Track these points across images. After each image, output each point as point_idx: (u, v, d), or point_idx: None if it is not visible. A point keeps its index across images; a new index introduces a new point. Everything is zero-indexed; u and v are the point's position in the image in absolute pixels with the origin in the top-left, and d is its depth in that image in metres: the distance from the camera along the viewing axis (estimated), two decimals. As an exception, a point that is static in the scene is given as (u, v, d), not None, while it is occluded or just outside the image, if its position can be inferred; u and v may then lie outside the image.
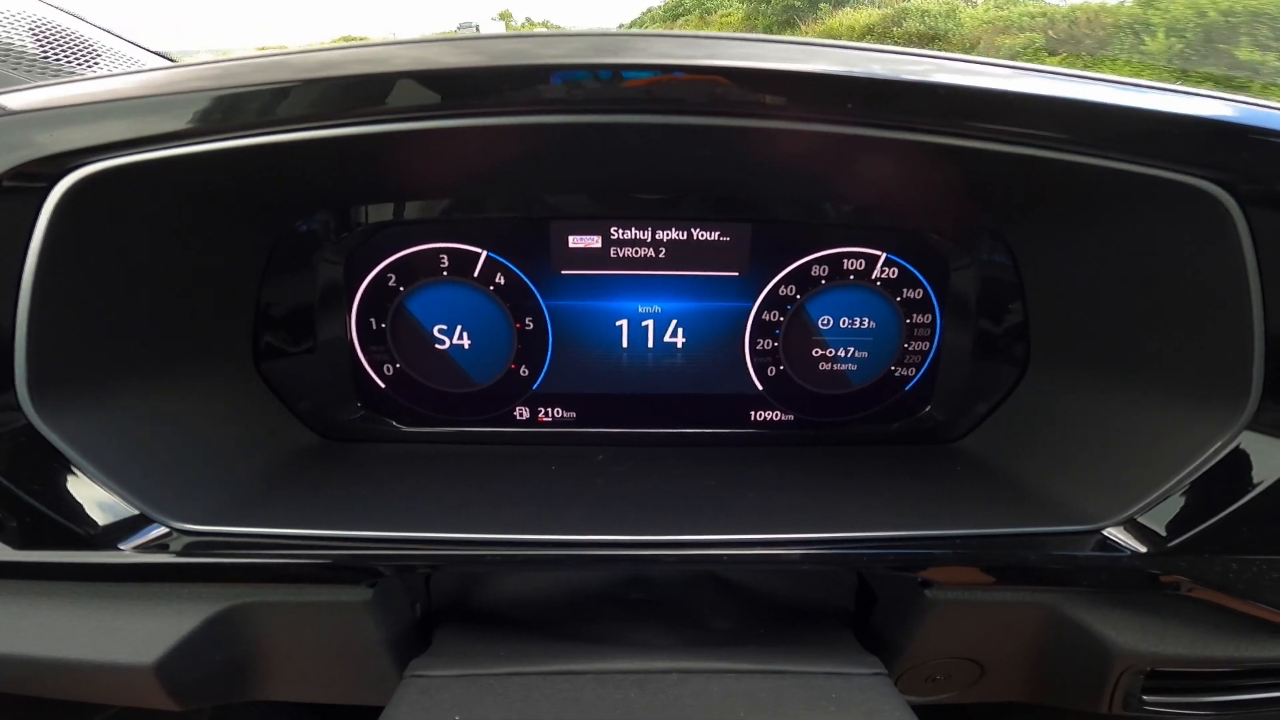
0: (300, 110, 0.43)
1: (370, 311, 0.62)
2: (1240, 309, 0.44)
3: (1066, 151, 0.43)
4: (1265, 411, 0.45)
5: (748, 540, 0.48)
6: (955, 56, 0.45)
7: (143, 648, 0.46)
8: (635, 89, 0.42)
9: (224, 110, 0.43)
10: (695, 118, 0.43)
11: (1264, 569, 0.46)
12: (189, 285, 0.53)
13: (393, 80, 0.42)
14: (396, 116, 0.43)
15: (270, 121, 0.43)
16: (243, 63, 0.44)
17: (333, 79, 0.42)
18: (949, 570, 0.49)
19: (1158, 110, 0.42)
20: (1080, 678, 0.51)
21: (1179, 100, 0.42)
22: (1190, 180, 0.42)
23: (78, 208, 0.43)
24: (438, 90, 0.42)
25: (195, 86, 0.43)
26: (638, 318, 0.64)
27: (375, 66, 0.42)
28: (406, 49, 0.44)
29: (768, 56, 0.42)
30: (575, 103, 0.43)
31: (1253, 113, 0.42)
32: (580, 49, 0.43)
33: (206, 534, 0.47)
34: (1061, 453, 0.56)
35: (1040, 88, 0.43)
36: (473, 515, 0.50)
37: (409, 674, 0.49)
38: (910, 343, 0.65)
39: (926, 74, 0.43)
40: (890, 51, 0.45)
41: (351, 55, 0.43)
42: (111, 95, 0.43)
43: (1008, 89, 0.42)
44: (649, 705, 0.45)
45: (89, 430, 0.46)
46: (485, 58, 0.42)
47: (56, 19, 0.81)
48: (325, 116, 0.43)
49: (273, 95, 0.43)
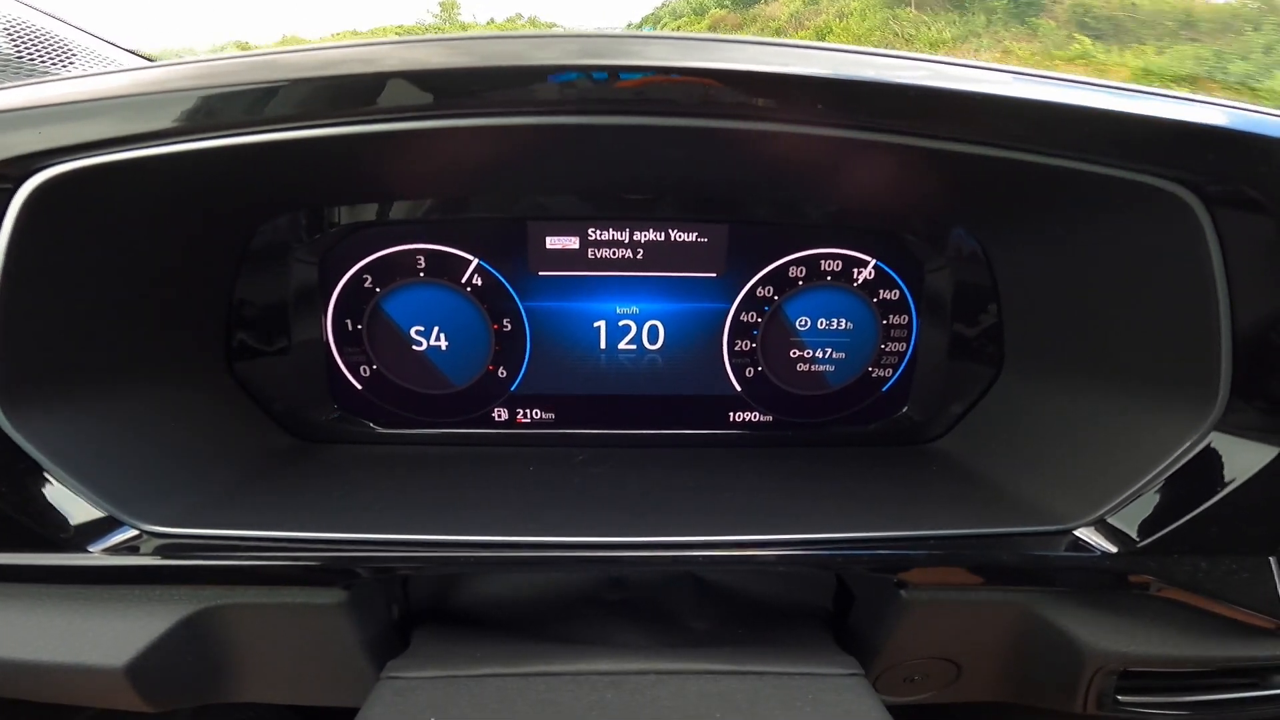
0: (274, 111, 0.42)
1: (346, 312, 0.62)
2: (1207, 310, 0.44)
3: (1034, 153, 0.43)
4: (1233, 412, 0.45)
5: (725, 541, 0.48)
6: (927, 58, 0.45)
7: (113, 650, 0.45)
8: (613, 91, 0.42)
9: (194, 112, 0.42)
10: (672, 119, 0.43)
11: (1233, 569, 0.47)
12: (160, 286, 0.53)
13: (364, 82, 0.42)
14: (370, 118, 0.43)
15: (241, 123, 0.43)
16: (214, 64, 0.44)
17: (307, 80, 0.42)
18: (924, 571, 0.49)
19: (1123, 112, 0.42)
20: (1055, 677, 0.52)
21: (1144, 102, 0.42)
22: (1156, 182, 0.42)
23: (44, 209, 0.43)
24: (414, 92, 0.42)
25: (165, 88, 0.43)
26: (615, 319, 0.64)
27: (347, 68, 0.42)
28: (373, 50, 0.43)
29: (744, 59, 0.42)
30: (553, 105, 0.43)
31: (1217, 113, 0.42)
32: (564, 50, 0.43)
33: (177, 536, 0.46)
34: (1035, 453, 0.56)
35: (1008, 89, 0.43)
36: (449, 517, 0.50)
37: (385, 675, 0.49)
38: (887, 344, 0.65)
39: (897, 75, 0.43)
40: (862, 53, 0.45)
41: (324, 56, 0.43)
42: (80, 96, 0.43)
43: (976, 90, 0.42)
44: (625, 706, 0.45)
45: (57, 432, 0.46)
46: (467, 58, 0.42)
47: (32, 19, 0.80)
48: (300, 118, 0.42)
49: (244, 96, 0.42)
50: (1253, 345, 0.44)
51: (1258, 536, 0.47)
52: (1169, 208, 0.43)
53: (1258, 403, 0.45)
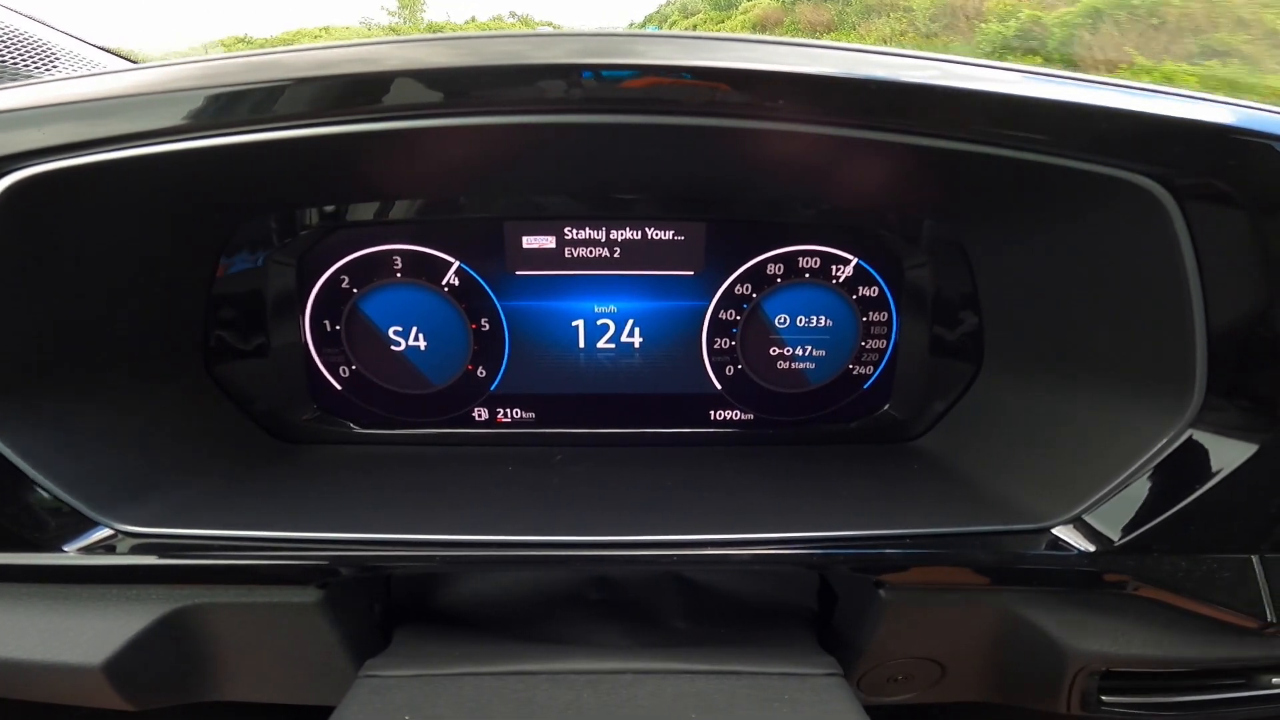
0: (250, 113, 0.43)
1: (324, 313, 0.62)
2: (1181, 306, 0.43)
3: (1005, 147, 0.43)
4: (1210, 409, 0.45)
5: (705, 540, 0.47)
6: (899, 52, 0.45)
7: (90, 649, 0.46)
8: (593, 90, 0.42)
9: (171, 114, 0.42)
10: (657, 117, 0.43)
11: (1214, 568, 0.46)
12: (135, 287, 0.53)
13: (344, 82, 0.42)
14: (348, 119, 0.43)
15: (219, 125, 0.43)
16: (193, 66, 0.44)
17: (285, 81, 0.42)
18: (903, 570, 0.48)
19: (1091, 105, 0.41)
20: (1038, 678, 0.51)
21: (1113, 95, 0.41)
22: (1126, 176, 0.42)
23: (18, 212, 0.43)
24: (391, 93, 0.42)
25: (140, 90, 0.43)
26: (594, 317, 0.63)
27: (330, 69, 0.42)
28: (362, 50, 0.43)
29: (726, 56, 0.42)
30: (532, 104, 0.43)
31: (1186, 106, 0.42)
32: (556, 50, 0.43)
33: (154, 536, 0.47)
34: (1014, 451, 0.55)
35: (978, 84, 0.42)
36: (428, 516, 0.50)
37: (362, 674, 0.49)
38: (867, 341, 0.65)
39: (865, 70, 0.42)
40: (840, 49, 0.44)
41: (305, 59, 0.43)
42: (54, 100, 0.43)
43: (947, 85, 0.42)
44: (601, 706, 0.45)
45: (31, 432, 0.46)
46: (448, 58, 0.42)
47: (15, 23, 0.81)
48: (276, 119, 0.43)
49: (222, 99, 0.42)
50: (1228, 340, 0.43)
51: (1239, 534, 0.46)
52: (1140, 202, 0.43)
53: (1236, 399, 0.44)
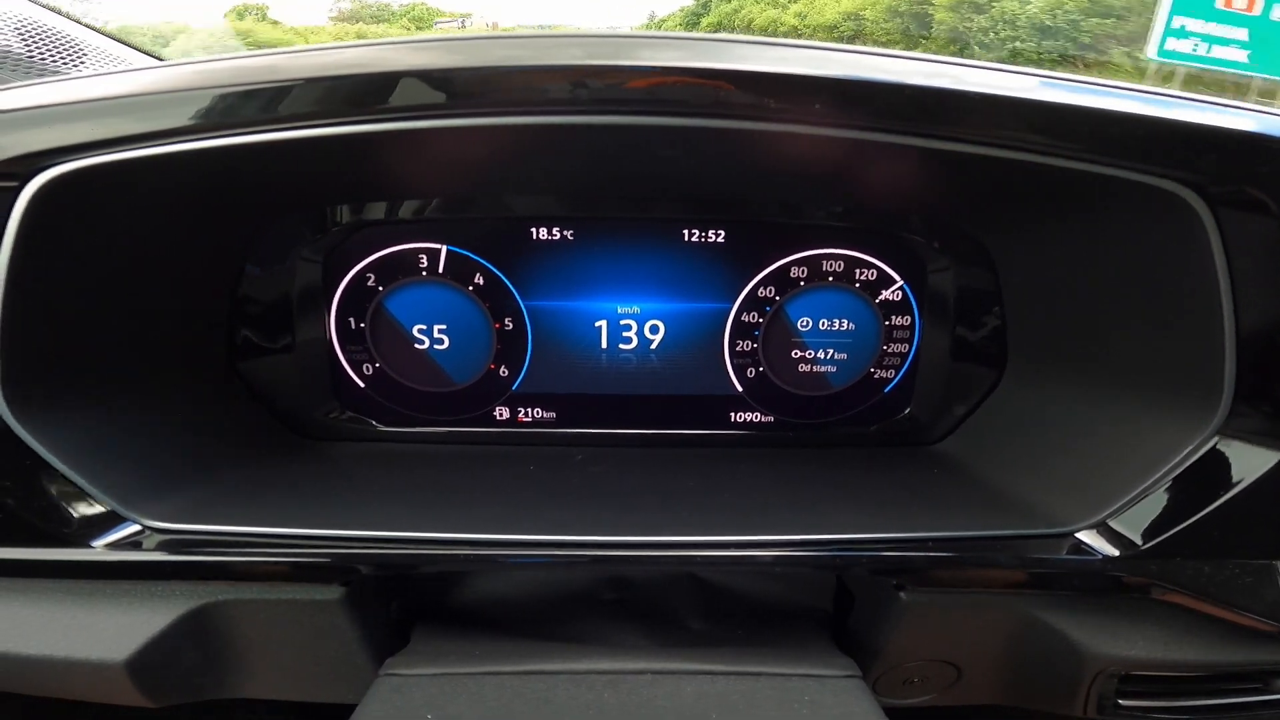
0: (279, 111, 0.43)
1: (349, 311, 0.63)
2: (1211, 313, 0.44)
3: (1036, 154, 0.43)
4: (1237, 416, 0.45)
5: (725, 541, 0.48)
6: (929, 58, 0.45)
7: (114, 645, 0.46)
8: (623, 91, 0.42)
9: (202, 111, 0.43)
10: (680, 119, 0.43)
11: (1236, 573, 0.46)
12: (164, 284, 0.53)
13: (373, 82, 0.42)
14: (376, 118, 0.43)
15: (249, 122, 0.43)
16: (222, 64, 0.44)
17: (312, 80, 0.42)
18: (924, 573, 0.49)
19: (1125, 112, 0.41)
20: (1055, 681, 0.51)
21: (1146, 103, 0.42)
22: (1159, 183, 0.42)
23: (50, 208, 0.43)
24: (420, 92, 0.42)
25: (174, 87, 0.43)
26: (617, 318, 0.64)
27: (356, 68, 0.42)
28: (387, 50, 0.44)
29: (750, 59, 0.42)
30: (558, 105, 0.43)
31: (1219, 114, 0.42)
32: (574, 51, 0.43)
33: (179, 532, 0.47)
34: (1037, 455, 0.56)
35: (1010, 90, 0.43)
36: (449, 515, 0.50)
37: (383, 672, 0.49)
38: (889, 344, 0.65)
39: (898, 75, 0.43)
40: (859, 52, 0.45)
41: (335, 57, 0.44)
42: (85, 96, 0.43)
43: (979, 91, 0.42)
44: (621, 706, 0.45)
45: (62, 428, 0.46)
46: (468, 59, 0.42)
47: (44, 19, 0.81)
48: (304, 118, 0.43)
49: (252, 96, 0.43)
50: (1257, 349, 0.44)
51: (1261, 541, 0.47)
52: (1172, 209, 0.43)
53: (1263, 407, 0.45)
